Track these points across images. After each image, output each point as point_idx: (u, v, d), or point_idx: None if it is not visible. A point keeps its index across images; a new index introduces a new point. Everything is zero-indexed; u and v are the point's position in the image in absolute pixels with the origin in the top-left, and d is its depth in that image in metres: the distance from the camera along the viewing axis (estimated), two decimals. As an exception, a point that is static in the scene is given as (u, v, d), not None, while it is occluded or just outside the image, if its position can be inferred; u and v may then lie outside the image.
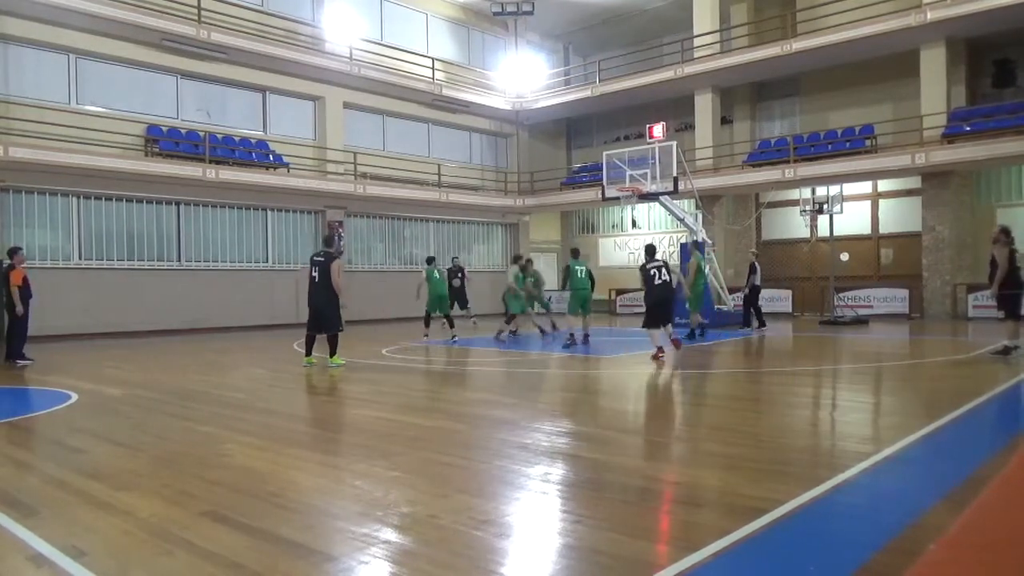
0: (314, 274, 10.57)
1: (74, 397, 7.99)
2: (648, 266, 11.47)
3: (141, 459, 5.20)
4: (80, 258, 16.93)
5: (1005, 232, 10.40)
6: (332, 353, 10.78)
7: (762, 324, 16.39)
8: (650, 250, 12.09)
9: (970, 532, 1.62)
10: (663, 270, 11.37)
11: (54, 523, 3.80)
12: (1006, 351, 10.32)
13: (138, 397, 8.10)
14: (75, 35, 16.80)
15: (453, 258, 19.13)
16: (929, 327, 16.55)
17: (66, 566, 3.20)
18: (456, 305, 16.96)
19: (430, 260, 16.25)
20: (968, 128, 18.55)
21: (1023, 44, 19.42)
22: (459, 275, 17.81)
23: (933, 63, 19.22)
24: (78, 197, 16.92)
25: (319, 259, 10.63)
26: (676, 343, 11.55)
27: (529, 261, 15.66)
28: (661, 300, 11.35)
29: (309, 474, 4.81)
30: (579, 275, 13.74)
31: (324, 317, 10.66)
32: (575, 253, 14.80)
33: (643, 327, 11.60)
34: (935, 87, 19.21)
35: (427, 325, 15.81)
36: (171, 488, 4.40)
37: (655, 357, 10.85)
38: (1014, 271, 10.31)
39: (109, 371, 10.78)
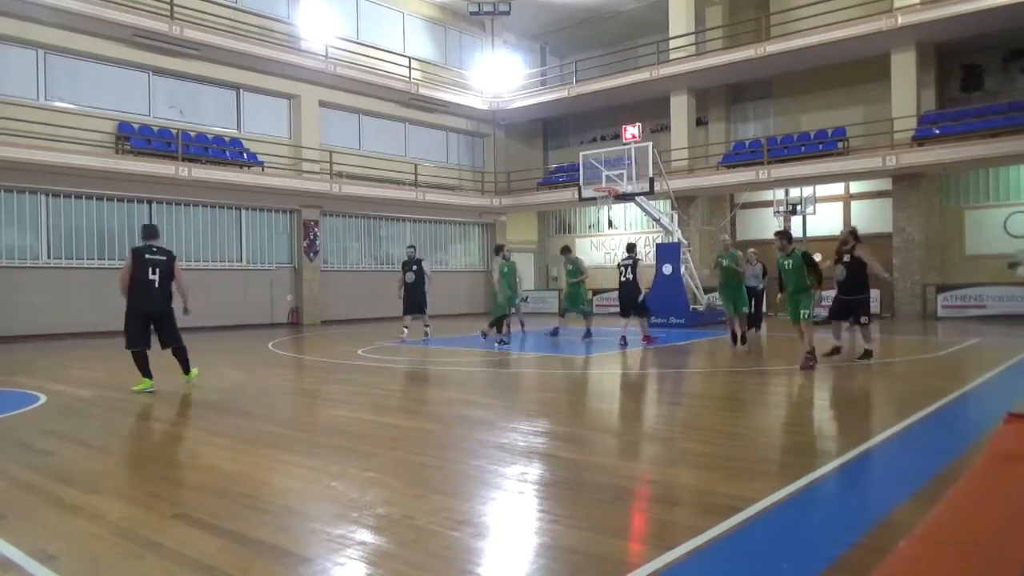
0: (152, 276, 8.36)
1: (42, 398, 7.85)
2: (620, 263, 13.24)
3: (111, 461, 5.12)
4: (49, 257, 16.63)
5: (855, 234, 10.22)
6: (186, 369, 8.82)
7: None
8: (629, 247, 13.49)
9: (938, 529, 1.64)
10: (629, 268, 12.98)
11: (22, 527, 3.73)
12: (868, 355, 10.00)
13: (108, 398, 7.97)
14: (44, 30, 16.50)
15: (408, 247, 15.79)
16: (899, 327, 16.81)
17: (34, 571, 3.14)
18: (414, 307, 14.73)
19: (499, 249, 14.61)
20: (937, 131, 18.89)
21: (990, 49, 19.83)
22: (414, 268, 14.70)
23: (903, 67, 19.54)
24: (47, 195, 16.62)
25: (159, 257, 8.41)
26: (623, 341, 12.82)
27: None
28: (619, 297, 13.32)
29: (283, 475, 4.77)
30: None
31: (166, 328, 8.58)
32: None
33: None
34: (905, 91, 19.54)
35: (500, 328, 13.99)
36: (141, 490, 4.34)
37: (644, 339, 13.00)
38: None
39: (78, 372, 10.60)
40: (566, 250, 15.20)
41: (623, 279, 13.05)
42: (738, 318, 12.63)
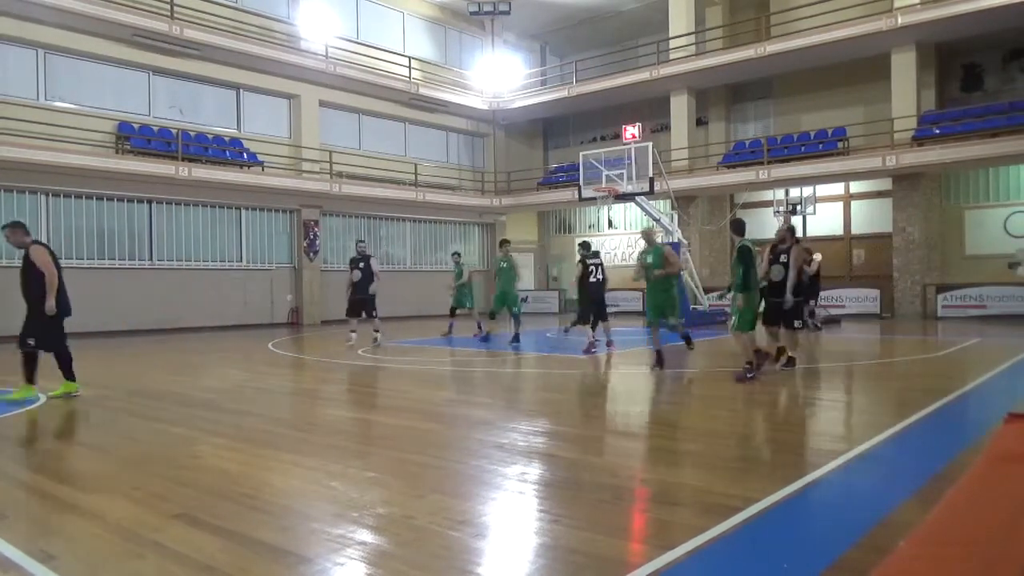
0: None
1: (42, 398, 7.84)
2: (588, 262, 11.97)
3: (110, 461, 5.12)
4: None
5: (792, 232, 9.58)
6: (66, 376, 7.88)
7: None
8: (586, 245, 12.41)
9: (938, 529, 1.64)
10: (600, 268, 11.95)
11: (21, 527, 3.73)
12: (791, 362, 9.42)
13: (107, 398, 7.97)
14: (44, 30, 16.49)
15: (358, 241, 14.17)
16: (899, 327, 16.81)
17: (34, 570, 3.14)
18: (358, 309, 13.43)
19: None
20: (937, 131, 18.89)
21: (990, 49, 19.84)
22: (360, 266, 13.26)
23: (903, 67, 19.55)
24: (47, 195, 16.62)
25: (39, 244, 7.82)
26: (610, 345, 12.02)
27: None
28: (595, 299, 12.02)
29: (283, 475, 4.77)
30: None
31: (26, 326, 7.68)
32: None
33: (576, 323, 12.40)
34: (905, 90, 19.54)
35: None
36: (141, 490, 4.34)
37: (588, 350, 11.59)
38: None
39: (78, 372, 10.56)
40: (505, 243, 14.32)
41: (593, 279, 11.81)
42: (657, 331, 9.83)
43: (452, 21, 26.45)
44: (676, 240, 18.22)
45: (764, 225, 23.12)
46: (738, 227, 9.03)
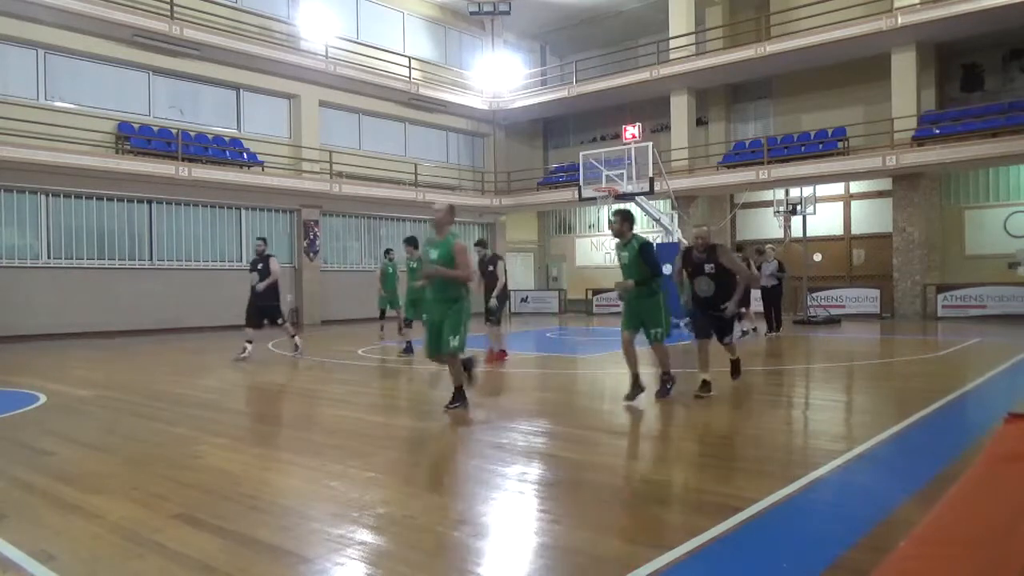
0: None
1: (42, 398, 7.84)
2: (490, 259, 10.99)
3: (111, 461, 5.12)
4: (49, 257, 16.63)
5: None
6: None
7: (777, 328, 14.91)
8: (484, 243, 11.78)
9: (939, 529, 1.65)
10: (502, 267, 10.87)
11: (21, 527, 3.73)
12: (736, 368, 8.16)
13: (108, 398, 7.97)
14: (44, 30, 16.49)
15: (257, 239, 12.80)
16: (899, 327, 16.81)
17: (34, 570, 3.14)
18: (256, 316, 11.79)
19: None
20: (937, 131, 18.88)
21: (990, 49, 19.84)
22: (259, 268, 11.74)
23: (903, 67, 19.55)
24: (46, 195, 16.62)
25: None
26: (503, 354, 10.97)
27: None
28: (500, 300, 10.97)
29: (283, 475, 4.77)
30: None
31: None
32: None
33: (490, 322, 10.99)
34: (905, 90, 19.54)
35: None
36: (142, 490, 4.33)
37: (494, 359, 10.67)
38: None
39: (78, 372, 10.60)
40: (413, 242, 12.26)
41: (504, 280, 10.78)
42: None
43: (452, 21, 26.45)
44: (676, 240, 18.21)
45: (764, 225, 23.16)
46: (629, 217, 7.48)
